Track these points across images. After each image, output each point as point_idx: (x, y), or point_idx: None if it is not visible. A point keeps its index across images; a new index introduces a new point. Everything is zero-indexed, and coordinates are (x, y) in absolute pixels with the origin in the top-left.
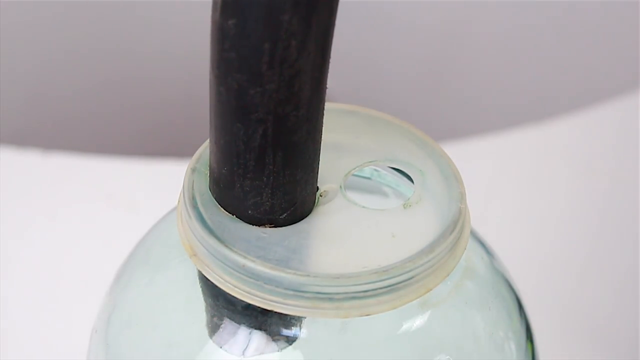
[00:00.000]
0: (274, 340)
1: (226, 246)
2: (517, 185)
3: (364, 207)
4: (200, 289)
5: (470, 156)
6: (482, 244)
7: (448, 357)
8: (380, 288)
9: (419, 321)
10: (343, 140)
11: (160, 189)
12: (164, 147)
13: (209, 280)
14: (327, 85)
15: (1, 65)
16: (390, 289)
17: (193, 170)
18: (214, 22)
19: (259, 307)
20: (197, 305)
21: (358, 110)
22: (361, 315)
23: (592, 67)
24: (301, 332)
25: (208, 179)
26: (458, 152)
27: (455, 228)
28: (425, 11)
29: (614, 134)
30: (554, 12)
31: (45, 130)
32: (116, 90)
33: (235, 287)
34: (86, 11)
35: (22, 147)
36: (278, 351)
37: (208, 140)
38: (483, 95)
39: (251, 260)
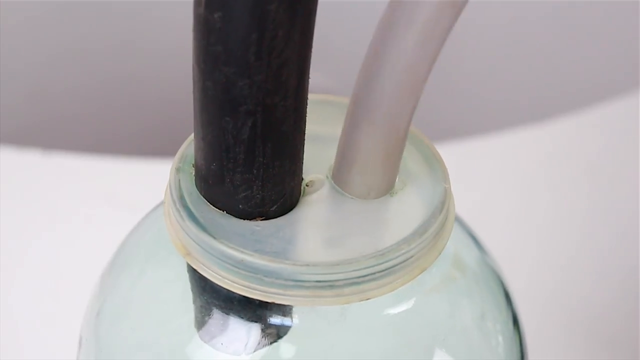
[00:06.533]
0: (270, 331)
1: (222, 243)
2: (517, 185)
3: (351, 197)
4: (190, 288)
5: (470, 156)
6: (473, 237)
7: (437, 343)
8: (379, 272)
9: (408, 310)
10: (322, 131)
11: (160, 189)
12: (164, 147)
13: (198, 278)
14: (327, 84)
15: (1, 64)
16: (388, 271)
17: (178, 169)
18: (197, 16)
19: (257, 300)
20: (188, 297)
21: (332, 100)
22: (361, 300)
23: (592, 67)
24: (299, 322)
25: (193, 177)
26: (458, 152)
27: (443, 207)
28: None
29: (614, 134)
30: (554, 12)
31: (45, 129)
32: (116, 90)
33: (233, 282)
34: (86, 11)
35: (22, 147)
36: (275, 342)
37: (189, 139)
38: (483, 95)
39: (249, 254)
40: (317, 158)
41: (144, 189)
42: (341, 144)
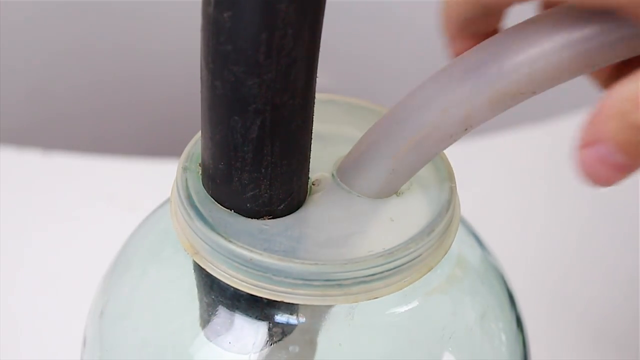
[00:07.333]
0: (277, 330)
1: (231, 242)
2: (517, 185)
3: (358, 195)
4: (197, 287)
5: (470, 156)
6: (476, 237)
7: (442, 342)
8: (387, 270)
9: (414, 309)
10: (326, 130)
11: (160, 188)
12: (164, 147)
13: (205, 277)
14: (328, 84)
15: (1, 64)
16: (396, 270)
17: (184, 169)
18: (207, 16)
19: (265, 299)
20: (192, 295)
21: (336, 99)
22: (369, 299)
23: None
24: (306, 320)
25: (200, 176)
26: (458, 152)
27: (450, 206)
28: (426, 9)
29: None
30: None
31: (46, 129)
32: (116, 90)
33: (242, 281)
34: (86, 11)
35: (22, 147)
36: (281, 340)
37: (195, 138)
38: None
39: (258, 253)
40: (321, 157)
41: (144, 189)
42: (361, 143)
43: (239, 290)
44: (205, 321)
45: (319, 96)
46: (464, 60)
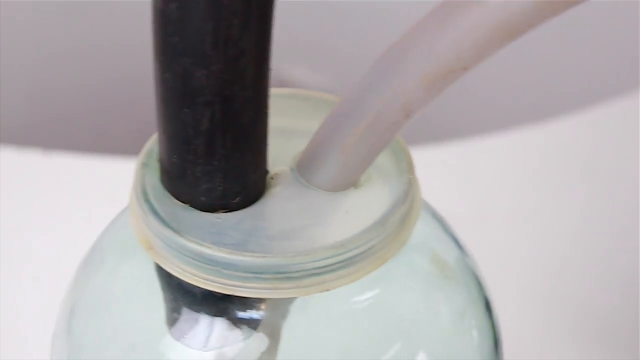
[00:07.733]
0: (236, 326)
1: (181, 235)
2: (517, 185)
3: (315, 189)
4: (160, 284)
5: (470, 156)
6: (454, 238)
7: (400, 335)
8: (338, 262)
9: (373, 297)
10: (290, 124)
11: None
12: None
13: (166, 273)
14: (328, 84)
15: (1, 64)
16: (348, 262)
17: (143, 165)
18: (155, 8)
19: (219, 293)
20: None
21: (302, 94)
22: (321, 291)
23: (592, 67)
24: (263, 314)
25: (159, 172)
26: (458, 152)
27: (407, 199)
28: (426, 9)
29: (614, 134)
30: None
31: (45, 129)
32: (116, 90)
33: (193, 275)
34: (86, 10)
35: (22, 146)
36: (242, 337)
37: (155, 135)
38: (483, 95)
39: (207, 246)
40: (283, 150)
41: None
42: (315, 137)
43: (193, 285)
44: (169, 317)
45: (284, 91)
46: (393, 48)
